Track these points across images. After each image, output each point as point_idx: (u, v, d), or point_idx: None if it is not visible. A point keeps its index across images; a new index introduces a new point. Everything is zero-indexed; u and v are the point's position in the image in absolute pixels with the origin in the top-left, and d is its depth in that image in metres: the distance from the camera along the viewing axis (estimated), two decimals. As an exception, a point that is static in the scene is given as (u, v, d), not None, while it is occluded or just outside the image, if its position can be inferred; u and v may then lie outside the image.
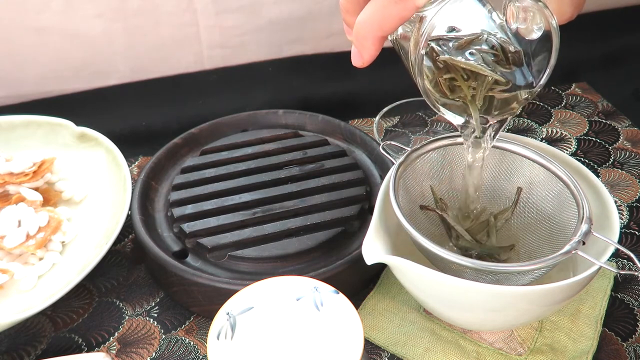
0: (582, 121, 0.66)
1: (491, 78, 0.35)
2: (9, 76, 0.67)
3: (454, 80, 0.36)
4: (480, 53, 0.35)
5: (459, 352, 0.42)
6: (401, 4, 0.29)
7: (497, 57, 0.36)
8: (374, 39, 0.31)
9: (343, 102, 0.67)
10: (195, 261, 0.46)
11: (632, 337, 0.43)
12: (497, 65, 0.36)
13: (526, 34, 0.35)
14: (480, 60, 0.35)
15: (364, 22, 0.31)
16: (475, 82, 0.36)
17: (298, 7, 0.71)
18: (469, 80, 0.36)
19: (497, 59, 0.35)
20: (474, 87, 0.36)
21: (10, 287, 0.45)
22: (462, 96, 0.36)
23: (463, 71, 0.35)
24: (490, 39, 0.36)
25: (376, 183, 0.53)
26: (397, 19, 0.30)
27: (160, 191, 0.53)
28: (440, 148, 0.44)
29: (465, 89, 0.36)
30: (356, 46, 0.33)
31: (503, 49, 0.35)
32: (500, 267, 0.36)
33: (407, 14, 0.30)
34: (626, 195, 0.55)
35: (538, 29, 0.34)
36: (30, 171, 0.51)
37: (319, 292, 0.33)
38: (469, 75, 0.35)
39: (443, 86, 0.36)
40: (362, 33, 0.32)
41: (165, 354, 0.43)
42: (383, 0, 0.30)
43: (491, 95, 0.36)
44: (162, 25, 0.68)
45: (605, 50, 0.74)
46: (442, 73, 0.36)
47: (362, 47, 0.32)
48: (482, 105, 0.36)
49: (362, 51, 0.32)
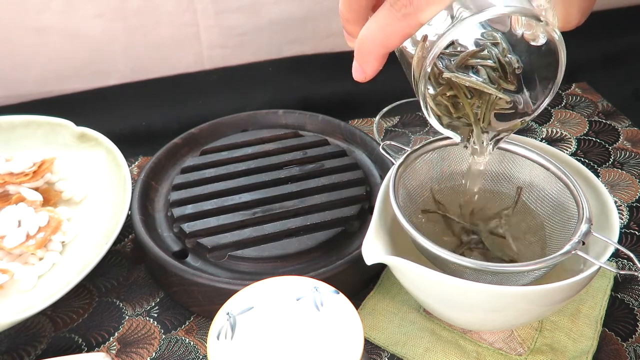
0: (582, 121, 0.66)
1: (495, 96, 0.35)
2: (9, 76, 0.67)
3: (456, 97, 0.36)
4: (485, 68, 0.35)
5: (459, 352, 0.42)
6: (405, 20, 0.28)
7: (498, 73, 0.35)
8: (377, 55, 0.31)
9: (343, 102, 0.67)
10: (195, 261, 0.46)
11: (632, 337, 0.43)
12: (500, 80, 0.35)
13: (532, 39, 0.34)
14: (484, 76, 0.35)
15: (367, 38, 0.30)
16: (479, 101, 0.35)
17: (298, 7, 0.71)
18: (473, 99, 0.35)
19: (499, 75, 0.35)
20: (479, 105, 0.36)
21: (10, 287, 0.45)
22: (464, 114, 0.36)
23: (466, 89, 0.35)
24: (492, 51, 0.35)
25: (376, 183, 0.53)
26: (401, 35, 0.29)
27: (160, 191, 0.53)
28: (440, 148, 0.44)
29: (467, 108, 0.35)
30: (358, 61, 0.32)
31: (502, 66, 0.35)
32: (500, 267, 0.36)
33: (412, 31, 0.29)
34: (626, 195, 0.55)
35: (544, 35, 0.33)
36: (30, 171, 0.51)
37: (319, 292, 0.33)
38: (473, 93, 0.35)
39: (446, 103, 0.36)
40: (365, 49, 0.31)
41: (165, 354, 0.43)
42: (386, 17, 0.29)
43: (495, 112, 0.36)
44: (162, 25, 0.68)
45: (605, 50, 0.74)
46: (444, 90, 0.35)
47: (365, 62, 0.32)
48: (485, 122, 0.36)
49: (364, 67, 0.32)
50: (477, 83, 0.35)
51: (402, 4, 0.28)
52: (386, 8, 0.29)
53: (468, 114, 0.36)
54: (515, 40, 0.35)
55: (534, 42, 0.34)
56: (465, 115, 0.36)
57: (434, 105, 0.35)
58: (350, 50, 0.33)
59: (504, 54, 0.35)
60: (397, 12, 0.28)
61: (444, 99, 0.36)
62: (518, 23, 0.35)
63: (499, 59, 0.35)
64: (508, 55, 0.36)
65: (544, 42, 0.33)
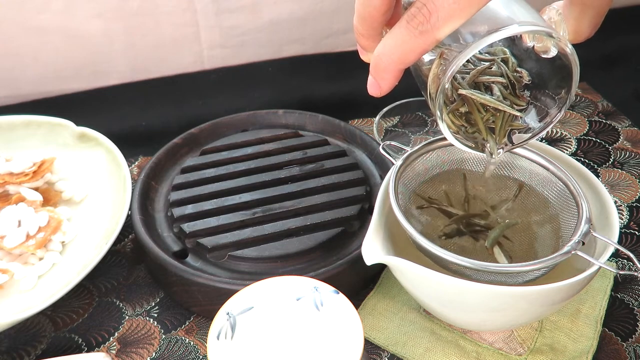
0: (582, 121, 0.66)
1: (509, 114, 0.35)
2: (9, 76, 0.67)
3: (470, 113, 0.36)
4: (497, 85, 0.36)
5: (459, 352, 0.42)
6: (422, 37, 0.28)
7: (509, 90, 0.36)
8: (394, 71, 0.31)
9: (343, 102, 0.67)
10: (195, 261, 0.46)
11: (632, 337, 0.43)
12: (511, 97, 0.36)
13: (543, 51, 0.34)
14: (497, 93, 0.35)
15: (384, 55, 0.30)
16: (493, 117, 0.36)
17: (298, 7, 0.71)
18: (487, 114, 0.36)
19: (510, 92, 0.36)
20: (493, 120, 0.36)
21: (10, 287, 0.45)
22: (477, 129, 0.36)
23: (480, 105, 0.35)
24: (502, 68, 0.36)
25: (376, 183, 0.53)
26: (419, 52, 0.29)
27: (160, 191, 0.53)
28: (440, 148, 0.44)
29: (480, 124, 0.36)
30: (374, 77, 0.32)
31: (512, 83, 0.35)
32: (500, 267, 0.36)
33: (428, 47, 0.29)
34: (626, 195, 0.55)
35: (555, 47, 0.33)
36: (30, 171, 0.51)
37: (319, 292, 0.33)
38: (487, 109, 0.36)
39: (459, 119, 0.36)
40: (382, 66, 0.31)
41: (165, 354, 0.43)
42: (404, 34, 0.29)
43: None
44: (162, 25, 0.68)
45: (605, 50, 0.74)
46: (458, 106, 0.36)
47: (381, 79, 0.32)
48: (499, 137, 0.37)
49: (381, 83, 0.32)
50: (492, 100, 0.35)
51: (419, 21, 0.28)
52: (403, 25, 0.29)
53: (481, 129, 0.36)
54: (524, 52, 0.36)
55: (544, 54, 0.34)
56: (478, 130, 0.36)
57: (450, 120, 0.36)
58: (351, 50, 0.33)
59: (513, 70, 0.36)
60: (414, 29, 0.28)
61: (456, 116, 0.36)
62: (529, 37, 0.35)
63: (508, 76, 0.35)
64: (518, 69, 0.36)
65: (555, 54, 0.33)
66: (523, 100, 0.36)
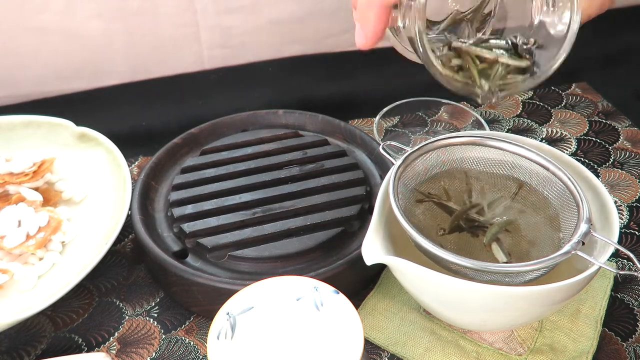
0: (582, 121, 0.66)
1: (503, 64, 0.35)
2: (9, 76, 0.67)
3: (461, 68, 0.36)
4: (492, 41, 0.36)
5: (459, 352, 0.42)
6: None
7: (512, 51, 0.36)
8: (378, 8, 0.30)
9: (343, 102, 0.67)
10: (195, 261, 0.46)
11: (632, 337, 0.43)
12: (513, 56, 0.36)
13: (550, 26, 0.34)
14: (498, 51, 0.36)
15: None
16: (489, 69, 0.36)
17: (298, 7, 0.71)
18: (482, 64, 0.36)
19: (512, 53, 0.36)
20: (488, 71, 0.36)
21: (10, 287, 0.45)
22: (469, 76, 0.36)
23: (476, 57, 0.35)
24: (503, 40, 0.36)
25: (376, 183, 0.53)
26: None
27: (160, 191, 0.53)
28: (440, 148, 0.44)
29: (475, 74, 0.36)
30: (359, 20, 0.31)
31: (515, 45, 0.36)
32: (500, 267, 0.36)
33: None
34: (626, 195, 0.55)
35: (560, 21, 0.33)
36: (30, 171, 0.51)
37: (319, 292, 0.33)
38: (483, 60, 0.35)
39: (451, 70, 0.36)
40: (364, 4, 0.30)
41: (165, 354, 0.43)
42: None
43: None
44: (162, 25, 0.68)
45: (605, 50, 0.74)
46: (450, 56, 0.36)
47: (365, 20, 0.30)
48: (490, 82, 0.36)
49: (365, 25, 0.31)
50: (491, 52, 0.35)
51: None
52: None
53: (474, 77, 0.36)
54: None
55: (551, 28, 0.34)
56: (473, 78, 0.36)
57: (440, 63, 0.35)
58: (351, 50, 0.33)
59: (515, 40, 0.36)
60: None
61: (447, 67, 0.36)
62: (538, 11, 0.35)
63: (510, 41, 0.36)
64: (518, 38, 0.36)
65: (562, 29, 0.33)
66: (525, 60, 0.36)
